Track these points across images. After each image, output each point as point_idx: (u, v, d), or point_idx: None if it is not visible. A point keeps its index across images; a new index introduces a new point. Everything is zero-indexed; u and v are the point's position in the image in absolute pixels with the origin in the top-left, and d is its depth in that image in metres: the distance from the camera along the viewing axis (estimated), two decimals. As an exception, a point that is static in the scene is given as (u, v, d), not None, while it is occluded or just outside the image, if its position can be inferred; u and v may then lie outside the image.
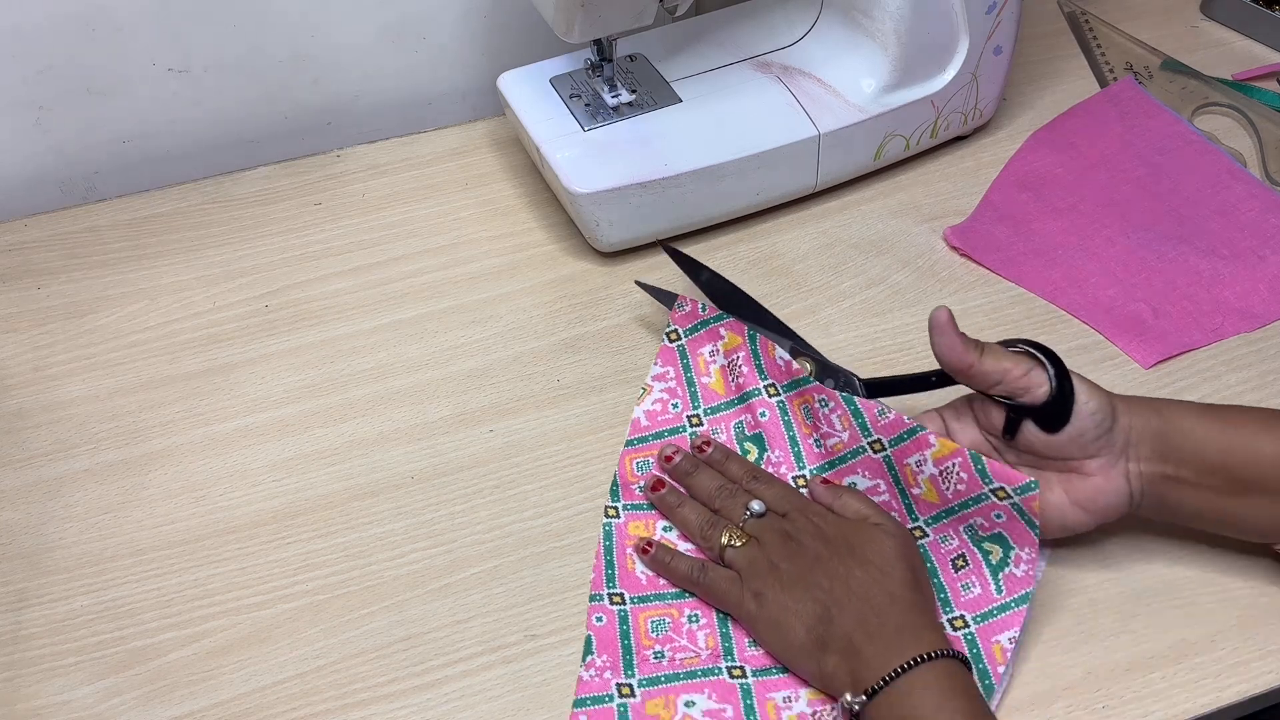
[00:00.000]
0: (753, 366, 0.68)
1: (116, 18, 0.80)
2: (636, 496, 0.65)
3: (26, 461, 0.68)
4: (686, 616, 0.60)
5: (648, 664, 0.58)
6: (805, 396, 0.66)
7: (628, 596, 0.61)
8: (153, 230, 0.82)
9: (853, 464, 0.63)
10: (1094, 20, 0.96)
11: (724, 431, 0.68)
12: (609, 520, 0.64)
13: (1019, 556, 0.58)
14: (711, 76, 0.81)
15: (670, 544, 0.63)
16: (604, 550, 0.63)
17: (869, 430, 0.62)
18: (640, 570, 0.62)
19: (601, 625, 0.59)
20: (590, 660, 0.58)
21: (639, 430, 0.68)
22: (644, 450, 0.67)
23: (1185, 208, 0.80)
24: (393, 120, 0.92)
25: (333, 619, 0.61)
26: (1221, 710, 0.56)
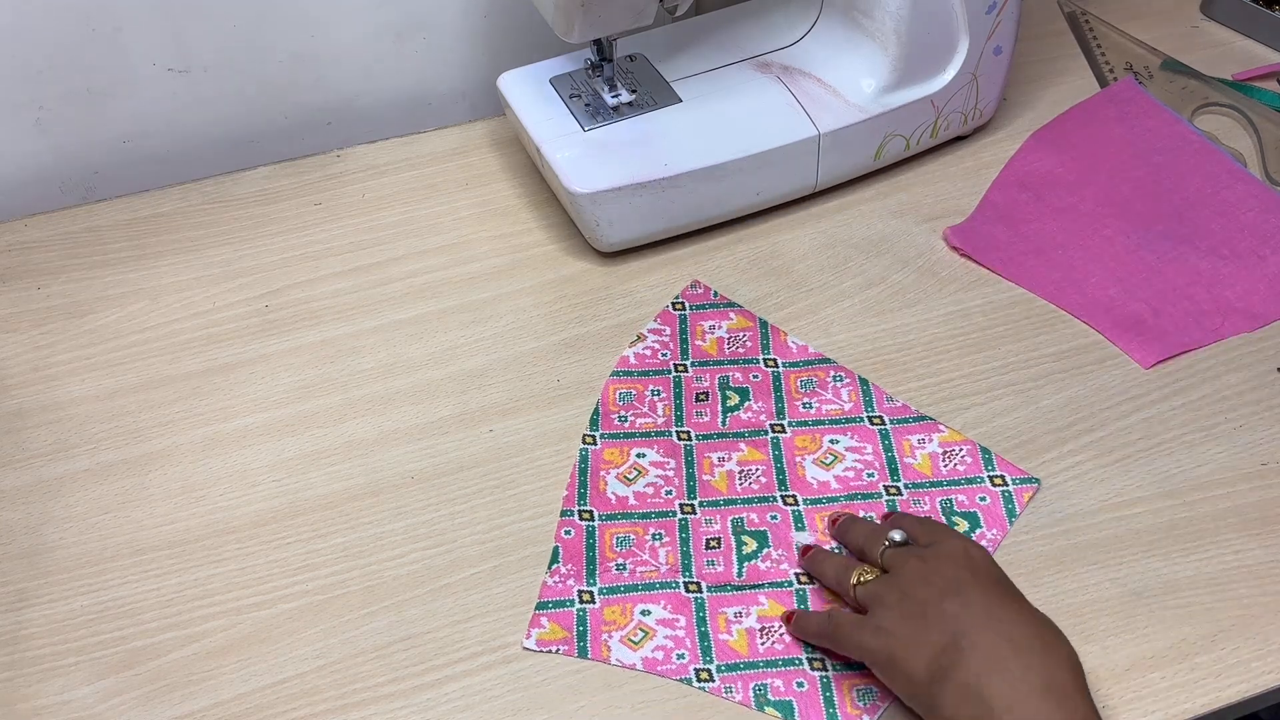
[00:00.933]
0: (758, 344, 0.72)
1: (116, 18, 0.80)
2: (614, 426, 0.68)
3: (26, 461, 0.68)
4: (651, 534, 0.63)
5: (609, 574, 0.62)
6: (814, 372, 0.70)
7: (596, 513, 0.64)
8: (153, 230, 0.82)
9: (845, 427, 0.67)
10: (1094, 20, 0.96)
11: (708, 379, 0.70)
12: (586, 447, 0.67)
13: (982, 534, 0.62)
14: (711, 76, 0.81)
15: (645, 471, 0.66)
16: (578, 473, 0.66)
17: (872, 406, 0.68)
18: (610, 491, 0.65)
19: (569, 538, 0.63)
20: (555, 568, 0.62)
21: (626, 365, 0.72)
22: (628, 382, 0.71)
23: (1185, 208, 0.80)
24: (393, 120, 0.92)
25: (333, 619, 0.61)
26: (1221, 710, 0.56)
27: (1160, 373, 0.71)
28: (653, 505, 0.65)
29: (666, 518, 0.64)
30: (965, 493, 0.64)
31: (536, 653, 0.59)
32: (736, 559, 0.62)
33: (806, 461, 0.66)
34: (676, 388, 0.70)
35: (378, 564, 0.63)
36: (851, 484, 0.65)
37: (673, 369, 0.71)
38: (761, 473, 0.66)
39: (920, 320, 0.75)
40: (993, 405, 0.70)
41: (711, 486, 0.65)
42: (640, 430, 0.68)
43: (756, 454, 0.67)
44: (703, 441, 0.68)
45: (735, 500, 0.65)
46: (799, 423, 0.68)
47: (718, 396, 0.70)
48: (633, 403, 0.69)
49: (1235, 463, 0.66)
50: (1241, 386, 0.70)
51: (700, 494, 0.65)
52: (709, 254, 0.79)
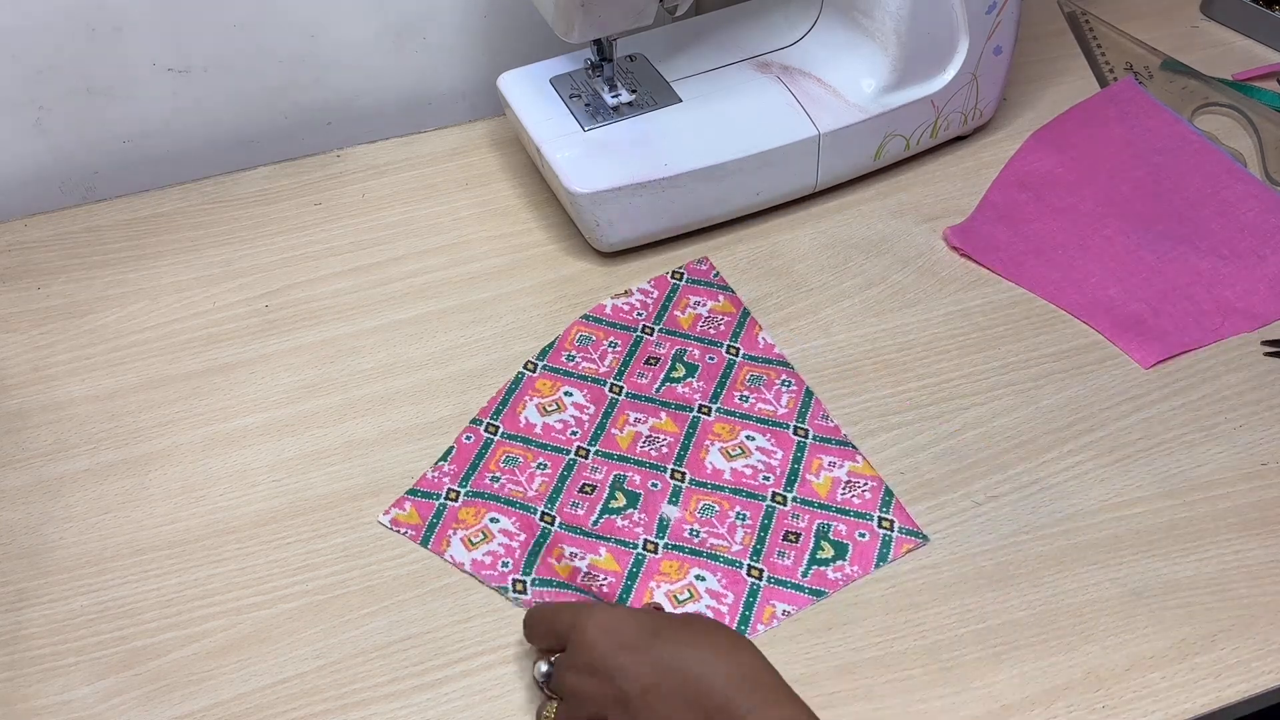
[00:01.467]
0: (730, 330, 0.73)
1: (116, 18, 0.80)
2: (559, 362, 0.72)
3: (26, 461, 0.68)
4: (536, 464, 0.66)
5: (482, 481, 0.65)
6: (767, 371, 0.71)
7: (501, 429, 0.68)
8: (153, 230, 0.82)
9: (767, 429, 0.68)
10: (1094, 20, 0.96)
11: (666, 347, 0.72)
12: (524, 372, 0.71)
13: (842, 567, 0.62)
14: (711, 76, 0.81)
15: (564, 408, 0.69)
16: (506, 391, 0.70)
17: (804, 419, 0.69)
18: (524, 415, 0.69)
19: (468, 443, 0.67)
20: (440, 465, 0.66)
21: (600, 312, 0.74)
22: (592, 328, 0.73)
23: (1185, 208, 0.80)
24: (393, 120, 0.92)
25: (333, 619, 0.61)
26: (1221, 710, 0.56)
27: (1160, 373, 0.71)
28: (554, 439, 0.68)
29: (559, 454, 0.67)
30: (847, 524, 0.64)
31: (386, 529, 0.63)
32: (600, 509, 0.64)
33: (714, 447, 0.67)
34: (634, 346, 0.72)
35: (378, 564, 0.63)
36: (744, 480, 0.66)
37: (640, 329, 0.73)
38: (666, 444, 0.67)
39: (920, 320, 0.75)
40: (993, 405, 0.70)
41: (614, 440, 0.68)
42: (579, 372, 0.71)
43: (672, 425, 0.68)
44: (629, 400, 0.70)
45: (628, 459, 0.67)
46: (725, 411, 0.69)
47: (667, 365, 0.72)
48: (587, 347, 0.72)
49: (1235, 463, 0.66)
50: (1241, 386, 0.70)
51: (601, 444, 0.67)
52: (709, 254, 0.79)
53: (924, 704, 0.57)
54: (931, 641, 0.59)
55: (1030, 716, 0.56)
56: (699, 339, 0.73)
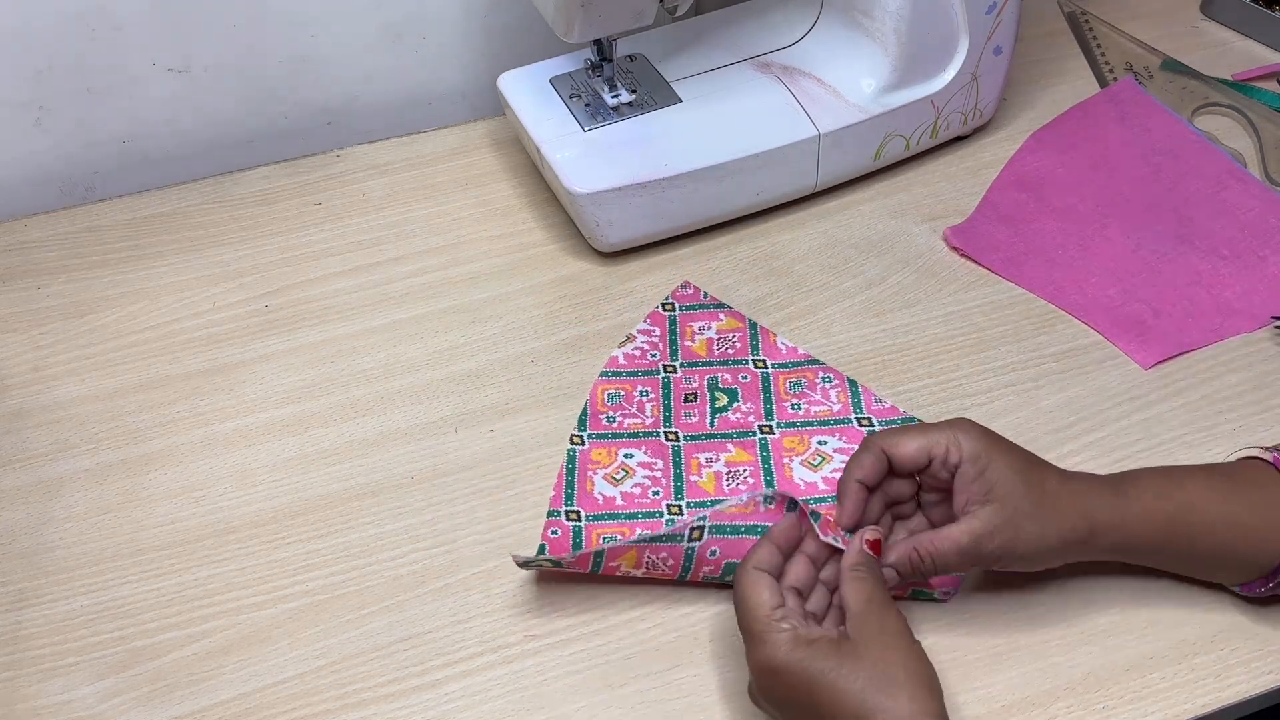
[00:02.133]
0: (747, 344, 0.72)
1: (116, 18, 0.80)
2: (602, 426, 0.68)
3: (26, 461, 0.68)
4: (636, 535, 0.62)
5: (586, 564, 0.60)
6: (803, 373, 0.70)
7: (583, 514, 0.64)
8: (153, 230, 0.82)
9: (834, 428, 0.67)
10: (1094, 20, 0.96)
11: (697, 380, 0.70)
12: (574, 447, 0.67)
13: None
14: (711, 76, 0.81)
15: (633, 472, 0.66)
16: (566, 473, 0.66)
17: (860, 408, 0.68)
18: (598, 492, 0.65)
19: (555, 537, 0.63)
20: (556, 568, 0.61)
21: (615, 366, 0.72)
22: (616, 383, 0.71)
23: (1185, 208, 0.80)
24: (393, 120, 0.92)
25: (333, 619, 0.61)
26: (1221, 710, 0.56)
27: (1160, 373, 0.71)
28: (640, 506, 0.64)
29: (654, 518, 0.64)
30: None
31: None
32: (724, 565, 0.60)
33: (794, 463, 0.66)
34: (665, 388, 0.70)
35: (378, 564, 0.63)
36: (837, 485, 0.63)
37: (661, 370, 0.71)
38: (749, 473, 0.66)
39: (920, 320, 0.75)
40: (993, 405, 0.70)
41: (699, 487, 0.65)
42: (628, 431, 0.68)
43: (744, 455, 0.67)
44: (690, 442, 0.67)
45: (722, 500, 0.64)
46: (787, 424, 0.68)
47: (706, 397, 0.70)
48: (621, 403, 0.69)
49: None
50: (1241, 386, 0.70)
51: (688, 494, 0.65)
52: (709, 254, 0.79)
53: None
54: (931, 641, 0.59)
55: (1030, 716, 0.56)
56: (722, 362, 0.72)
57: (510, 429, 0.69)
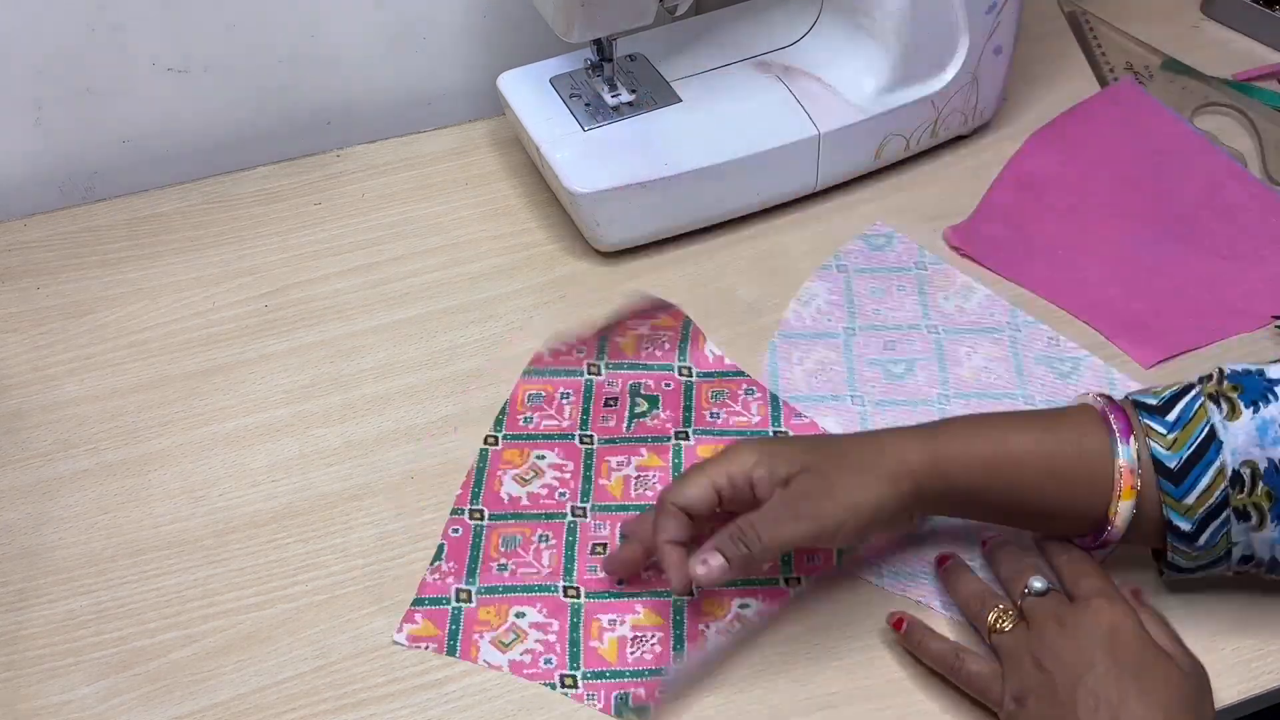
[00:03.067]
0: (676, 347, 0.71)
1: (116, 18, 0.80)
2: (518, 427, 0.68)
3: (26, 461, 0.68)
4: (538, 536, 0.63)
5: (490, 574, 0.62)
6: (727, 384, 0.70)
7: (487, 513, 0.64)
8: (153, 230, 0.82)
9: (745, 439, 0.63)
10: (1094, 20, 0.96)
11: (619, 384, 0.70)
12: (486, 448, 0.67)
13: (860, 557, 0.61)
14: (711, 76, 0.81)
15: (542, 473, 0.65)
16: (475, 472, 0.66)
17: (779, 421, 0.68)
18: (504, 491, 0.65)
19: (457, 536, 0.63)
20: (438, 565, 0.62)
21: (540, 363, 0.71)
22: (539, 383, 0.70)
23: (1185, 208, 0.80)
24: (393, 120, 0.92)
25: (333, 619, 0.61)
26: (1221, 710, 0.56)
27: (1160, 373, 0.71)
28: (544, 506, 0.64)
29: (556, 520, 0.64)
30: None
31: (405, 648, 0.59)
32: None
33: None
34: (587, 390, 0.70)
35: (378, 564, 0.63)
36: None
37: (585, 369, 0.71)
38: (658, 479, 0.65)
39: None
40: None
41: (606, 490, 0.65)
42: (543, 432, 0.68)
43: (656, 460, 0.66)
44: (604, 445, 0.67)
45: (627, 506, 0.64)
46: (704, 431, 0.68)
47: (627, 402, 0.69)
48: (541, 404, 0.69)
49: (1235, 463, 0.66)
50: (1241, 386, 0.70)
51: (594, 497, 0.65)
52: (709, 254, 0.79)
53: (924, 704, 0.57)
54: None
55: (1030, 716, 0.56)
56: (649, 366, 0.71)
57: (510, 429, 0.69)
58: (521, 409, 0.69)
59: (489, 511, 0.64)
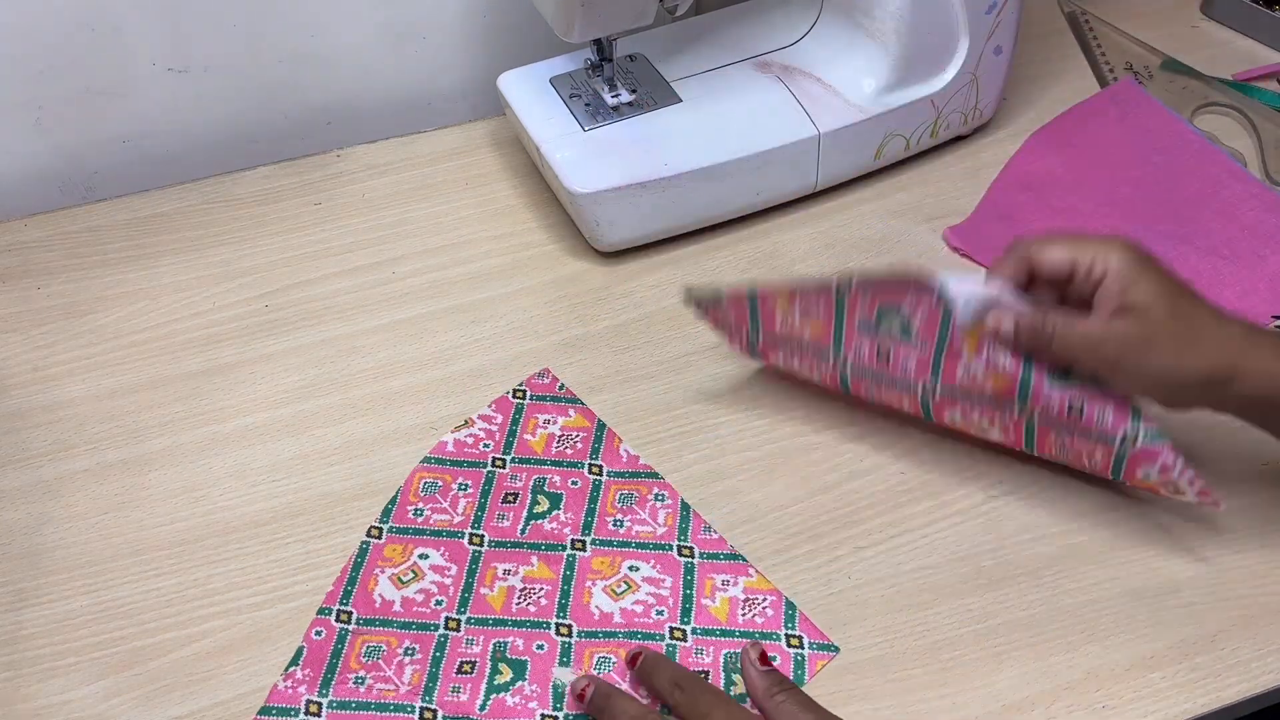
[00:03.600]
0: (589, 447, 0.67)
1: (116, 18, 0.80)
2: (407, 519, 0.64)
3: (26, 461, 0.68)
4: (403, 649, 0.58)
5: (345, 687, 0.57)
6: (637, 485, 0.66)
7: (355, 615, 0.60)
8: (153, 230, 0.82)
9: (650, 553, 0.62)
10: (1094, 20, 0.96)
11: (523, 479, 0.66)
12: (368, 540, 0.63)
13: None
14: (711, 76, 0.81)
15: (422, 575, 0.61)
16: (352, 566, 0.62)
17: (686, 535, 0.63)
18: (378, 593, 0.61)
19: (319, 639, 0.59)
20: (292, 671, 0.58)
21: (442, 452, 0.67)
22: (437, 471, 0.66)
23: (1185, 207, 0.80)
24: (393, 120, 0.92)
25: (333, 619, 0.61)
26: (1221, 710, 0.56)
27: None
28: (417, 614, 0.60)
29: (427, 631, 0.59)
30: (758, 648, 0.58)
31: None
32: (485, 688, 0.57)
33: (597, 587, 0.61)
34: (487, 484, 0.66)
35: (378, 564, 0.63)
36: (636, 620, 0.59)
37: (490, 462, 0.67)
38: (544, 594, 0.61)
39: (920, 320, 0.74)
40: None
41: (486, 602, 0.60)
42: (431, 528, 0.64)
43: (546, 571, 0.62)
44: (494, 549, 0.63)
45: (505, 621, 0.59)
46: (602, 542, 0.63)
47: (527, 500, 0.65)
48: (435, 495, 0.65)
49: (1235, 463, 0.66)
50: (1241, 386, 0.70)
51: (471, 609, 0.60)
52: (709, 254, 0.79)
53: (924, 704, 0.57)
54: (931, 641, 0.59)
55: (1030, 717, 0.56)
56: (556, 462, 0.66)
57: (510, 429, 0.69)
58: (413, 499, 0.65)
59: (357, 614, 0.60)
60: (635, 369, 0.72)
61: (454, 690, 0.57)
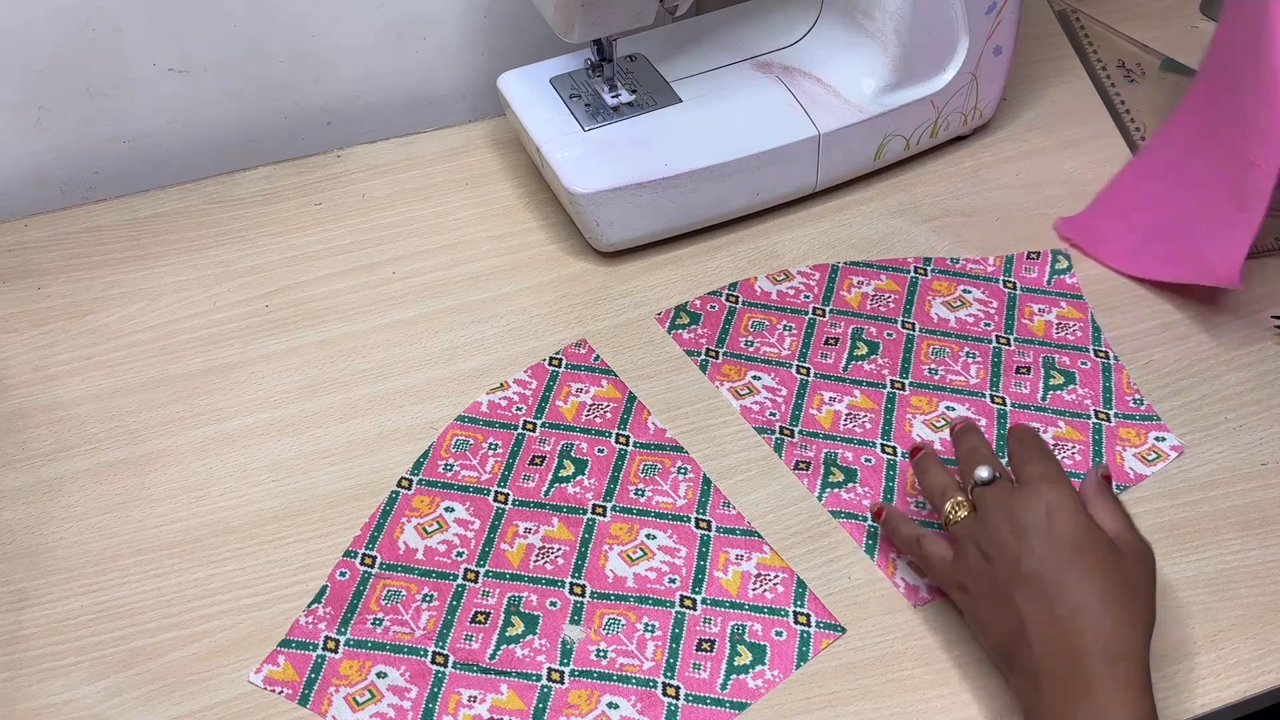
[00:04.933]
0: (618, 417, 0.69)
1: (116, 18, 0.80)
2: (437, 473, 0.66)
3: (26, 461, 0.68)
4: (422, 595, 0.61)
5: (364, 627, 0.60)
6: (662, 458, 0.67)
7: (379, 560, 0.62)
8: (153, 230, 0.82)
9: (668, 524, 0.64)
10: (1085, 19, 0.96)
11: (551, 443, 0.67)
12: (399, 490, 0.66)
13: (762, 672, 0.58)
14: (711, 76, 0.81)
15: (446, 527, 0.63)
16: (380, 515, 0.64)
17: (705, 509, 0.65)
18: (403, 540, 0.63)
19: (343, 579, 0.62)
20: (314, 608, 0.60)
21: (475, 412, 0.70)
22: (470, 430, 0.68)
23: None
24: (393, 120, 0.92)
25: (333, 619, 0.61)
26: (1221, 710, 0.56)
27: (1161, 372, 0.71)
28: (438, 564, 0.62)
29: (446, 579, 0.61)
30: (763, 622, 0.60)
31: (260, 690, 0.58)
32: (497, 639, 0.59)
33: (613, 551, 0.63)
34: (516, 445, 0.67)
35: (378, 564, 0.63)
36: (649, 585, 0.61)
37: (520, 425, 0.68)
38: (562, 554, 0.62)
39: (920, 320, 0.74)
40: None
41: (505, 556, 0.62)
42: (459, 483, 0.66)
43: (566, 532, 0.63)
44: (517, 508, 0.65)
45: (522, 577, 0.61)
46: (623, 509, 0.65)
47: (553, 463, 0.67)
48: (465, 453, 0.67)
49: (1235, 463, 0.66)
50: (1241, 387, 0.70)
51: (491, 562, 0.62)
52: (709, 254, 0.79)
53: (924, 704, 0.57)
54: (931, 641, 0.59)
55: (1030, 716, 0.56)
56: (585, 430, 0.68)
57: (510, 429, 0.69)
58: (444, 455, 0.67)
59: (381, 559, 0.62)
60: (635, 369, 0.72)
61: (467, 638, 0.59)
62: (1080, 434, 0.67)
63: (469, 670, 0.58)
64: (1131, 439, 0.67)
